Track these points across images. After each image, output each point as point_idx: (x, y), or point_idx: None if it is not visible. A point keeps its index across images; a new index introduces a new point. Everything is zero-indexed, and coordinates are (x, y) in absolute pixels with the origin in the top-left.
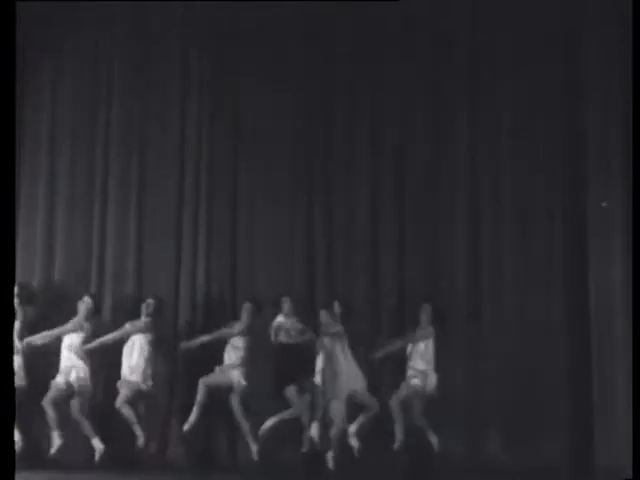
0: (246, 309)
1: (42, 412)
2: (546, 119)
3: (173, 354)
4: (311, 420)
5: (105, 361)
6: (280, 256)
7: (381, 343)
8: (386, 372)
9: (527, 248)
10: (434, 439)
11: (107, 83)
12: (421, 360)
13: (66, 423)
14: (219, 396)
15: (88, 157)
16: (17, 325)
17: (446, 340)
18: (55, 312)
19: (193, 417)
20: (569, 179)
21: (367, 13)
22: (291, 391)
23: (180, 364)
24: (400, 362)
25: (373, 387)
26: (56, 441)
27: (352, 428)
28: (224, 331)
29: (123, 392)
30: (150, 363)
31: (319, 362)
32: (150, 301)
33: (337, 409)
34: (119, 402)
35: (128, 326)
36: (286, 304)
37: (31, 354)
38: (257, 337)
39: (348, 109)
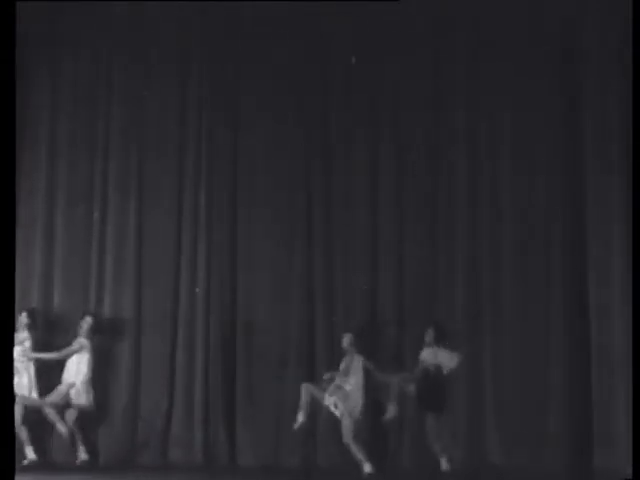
0: (86, 324)
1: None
2: (545, 120)
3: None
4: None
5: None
6: (279, 272)
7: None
8: None
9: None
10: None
11: (107, 83)
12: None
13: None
14: (219, 397)
15: (88, 158)
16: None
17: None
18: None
19: None
20: (568, 187)
21: (367, 13)
22: None
23: None
24: None
25: None
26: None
27: None
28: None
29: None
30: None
31: None
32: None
33: None
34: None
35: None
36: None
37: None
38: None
39: (347, 115)
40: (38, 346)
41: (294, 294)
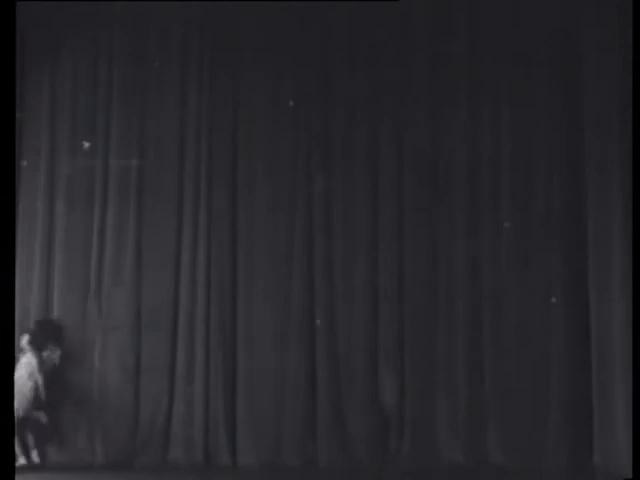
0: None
1: None
2: (545, 120)
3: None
4: None
5: None
6: (279, 265)
7: None
8: None
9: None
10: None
11: (107, 83)
12: None
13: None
14: (219, 397)
15: (87, 158)
16: None
17: (447, 338)
18: None
19: None
20: (568, 186)
21: (367, 13)
22: None
23: None
24: None
25: None
26: None
27: None
28: None
29: None
30: None
31: None
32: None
33: None
34: None
35: None
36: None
37: None
38: None
39: (347, 114)
40: None
41: (294, 294)
